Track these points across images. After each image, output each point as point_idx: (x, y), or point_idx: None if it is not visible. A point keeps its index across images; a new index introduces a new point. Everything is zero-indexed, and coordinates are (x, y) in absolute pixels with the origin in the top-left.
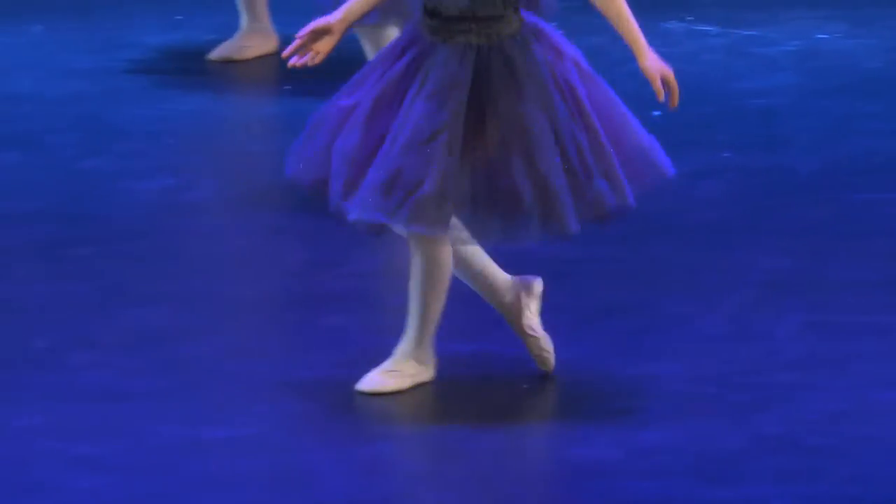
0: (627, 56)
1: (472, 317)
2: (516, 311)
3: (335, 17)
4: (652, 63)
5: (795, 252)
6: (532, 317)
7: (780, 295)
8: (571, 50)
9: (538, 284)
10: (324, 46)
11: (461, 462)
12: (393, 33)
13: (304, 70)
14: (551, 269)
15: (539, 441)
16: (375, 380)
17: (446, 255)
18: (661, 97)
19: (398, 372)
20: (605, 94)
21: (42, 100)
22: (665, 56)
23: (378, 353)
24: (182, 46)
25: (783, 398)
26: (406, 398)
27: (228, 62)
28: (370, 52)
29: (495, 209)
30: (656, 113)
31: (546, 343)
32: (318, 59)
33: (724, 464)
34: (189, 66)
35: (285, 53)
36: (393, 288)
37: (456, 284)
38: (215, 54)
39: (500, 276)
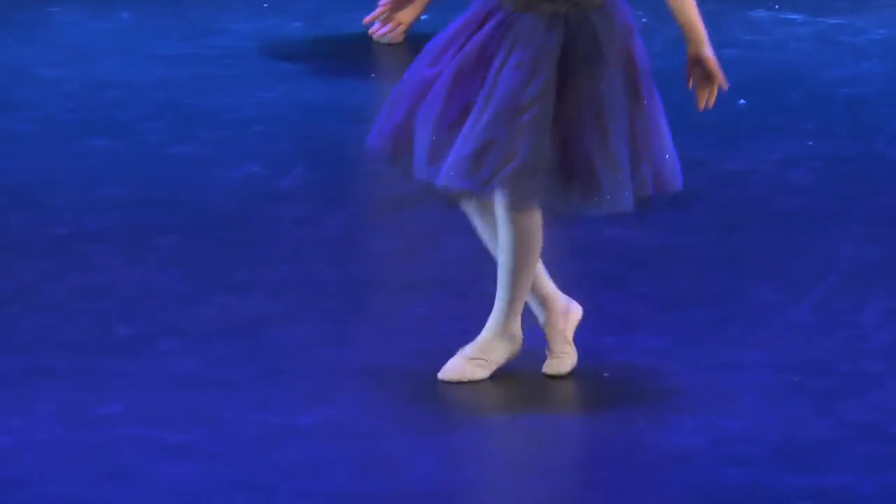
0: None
1: None
2: (560, 311)
3: None
4: (712, 54)
5: (882, 240)
6: (568, 329)
7: (866, 283)
8: (639, 34)
9: (578, 309)
10: (406, 16)
11: (546, 450)
12: None
13: (391, 57)
14: (637, 256)
15: (623, 428)
16: (458, 369)
17: (537, 225)
18: (692, 87)
19: (482, 360)
20: (654, 92)
21: (130, 86)
22: (752, 44)
23: (463, 341)
24: (270, 33)
25: (869, 386)
26: (490, 386)
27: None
28: None
29: (572, 181)
30: (742, 102)
31: (571, 355)
32: (399, 30)
33: (810, 452)
34: (277, 54)
35: (367, 19)
36: (478, 275)
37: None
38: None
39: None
